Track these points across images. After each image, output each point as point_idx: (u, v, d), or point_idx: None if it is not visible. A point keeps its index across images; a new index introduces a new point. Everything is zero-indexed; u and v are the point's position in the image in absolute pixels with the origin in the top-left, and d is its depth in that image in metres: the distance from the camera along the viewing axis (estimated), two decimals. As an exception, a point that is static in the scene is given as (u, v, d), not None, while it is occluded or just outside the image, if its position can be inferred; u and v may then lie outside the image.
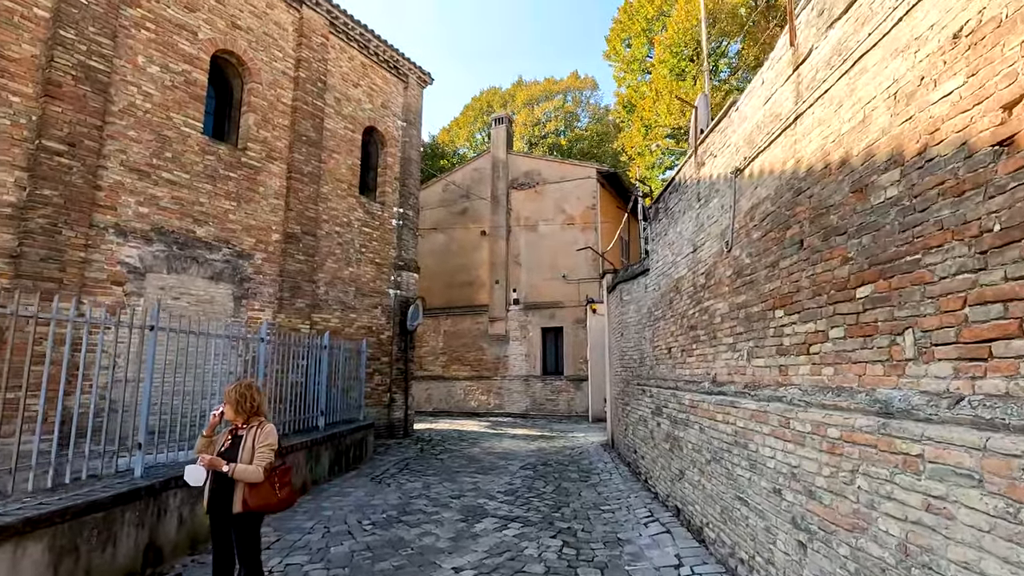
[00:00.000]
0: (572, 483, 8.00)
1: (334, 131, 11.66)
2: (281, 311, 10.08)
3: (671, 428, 6.32)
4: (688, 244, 6.39)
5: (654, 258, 8.14)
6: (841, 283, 3.05)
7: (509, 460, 9.86)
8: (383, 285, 12.75)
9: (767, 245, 4.12)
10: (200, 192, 8.94)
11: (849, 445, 2.73)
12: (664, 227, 7.63)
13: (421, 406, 19.52)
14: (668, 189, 7.51)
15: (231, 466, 3.16)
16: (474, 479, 8.15)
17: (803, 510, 3.14)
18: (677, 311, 6.65)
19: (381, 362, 12.51)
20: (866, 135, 2.94)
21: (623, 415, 9.68)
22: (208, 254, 9.02)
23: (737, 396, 4.36)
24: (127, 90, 8.10)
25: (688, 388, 5.83)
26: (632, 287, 9.41)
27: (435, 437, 12.86)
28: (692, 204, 6.34)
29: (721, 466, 4.56)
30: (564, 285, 18.05)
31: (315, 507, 6.49)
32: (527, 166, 19.36)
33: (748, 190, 4.67)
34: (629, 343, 9.44)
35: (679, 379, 6.29)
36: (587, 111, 33.24)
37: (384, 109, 13.14)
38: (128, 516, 4.16)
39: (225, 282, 9.27)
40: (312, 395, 8.40)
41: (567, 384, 17.73)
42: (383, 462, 9.49)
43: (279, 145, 10.40)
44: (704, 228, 5.84)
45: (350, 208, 11.97)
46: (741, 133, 4.96)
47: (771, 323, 3.94)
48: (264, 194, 10.02)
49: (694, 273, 6.06)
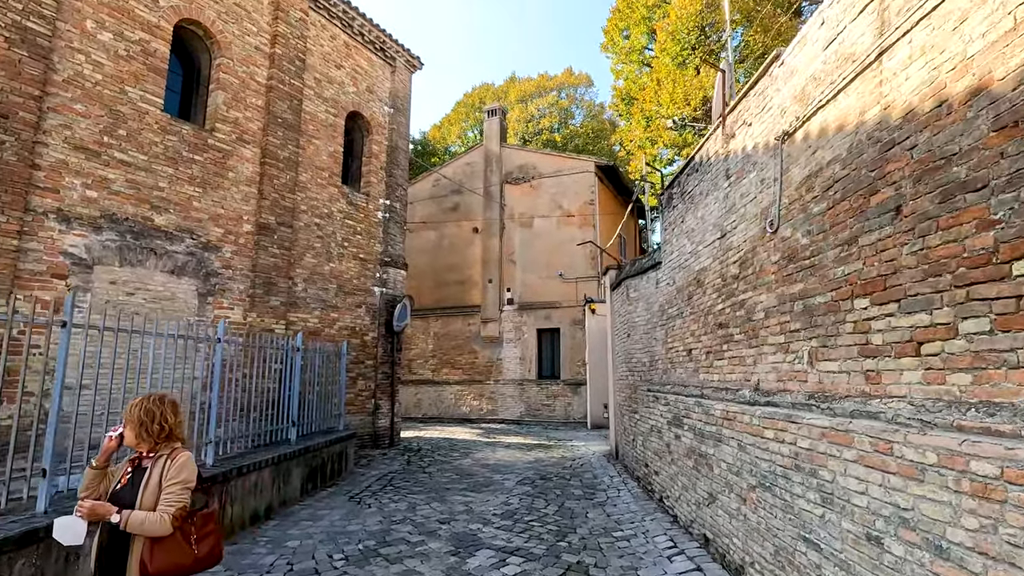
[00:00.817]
0: (577, 502, 7.11)
1: (314, 115, 10.73)
2: (253, 309, 9.12)
3: (695, 442, 5.45)
4: (713, 230, 5.54)
5: (667, 250, 7.29)
6: (980, 257, 2.19)
7: (504, 474, 8.95)
8: (368, 282, 11.82)
9: (837, 218, 3.27)
10: (159, 176, 7.99)
11: (1020, 489, 1.87)
12: (680, 214, 6.79)
13: (410, 412, 18.56)
14: (686, 170, 6.66)
15: (123, 514, 2.24)
16: (466, 498, 7.24)
17: (927, 572, 2.27)
18: (699, 307, 5.80)
19: (365, 365, 11.57)
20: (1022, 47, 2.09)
21: (630, 424, 8.81)
22: (168, 245, 8.06)
23: (796, 409, 3.50)
24: (73, 58, 7.14)
25: (718, 396, 4.96)
26: (640, 283, 8.56)
27: (424, 447, 11.93)
28: (718, 183, 5.49)
29: (773, 495, 3.69)
30: (561, 284, 17.19)
31: (280, 535, 5.56)
32: (522, 160, 18.49)
33: (802, 156, 3.82)
34: (637, 345, 8.58)
35: (704, 385, 5.43)
36: (582, 108, 32.45)
37: (369, 93, 12.22)
38: (19, 568, 3.22)
39: (188, 277, 8.31)
40: (283, 403, 7.45)
41: (564, 389, 16.84)
42: (365, 477, 8.55)
43: (252, 127, 9.46)
44: (736, 209, 4.99)
45: (331, 198, 11.03)
46: (789, 91, 4.12)
47: (847, 316, 3.08)
48: (234, 180, 9.07)
49: (723, 262, 5.21)
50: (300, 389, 8.18)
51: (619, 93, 21.19)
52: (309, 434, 8.05)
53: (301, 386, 8.21)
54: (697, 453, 5.37)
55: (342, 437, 8.58)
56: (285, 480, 6.63)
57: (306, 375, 8.56)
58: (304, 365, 8.38)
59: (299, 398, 7.67)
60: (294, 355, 7.70)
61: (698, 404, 5.45)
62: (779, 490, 3.61)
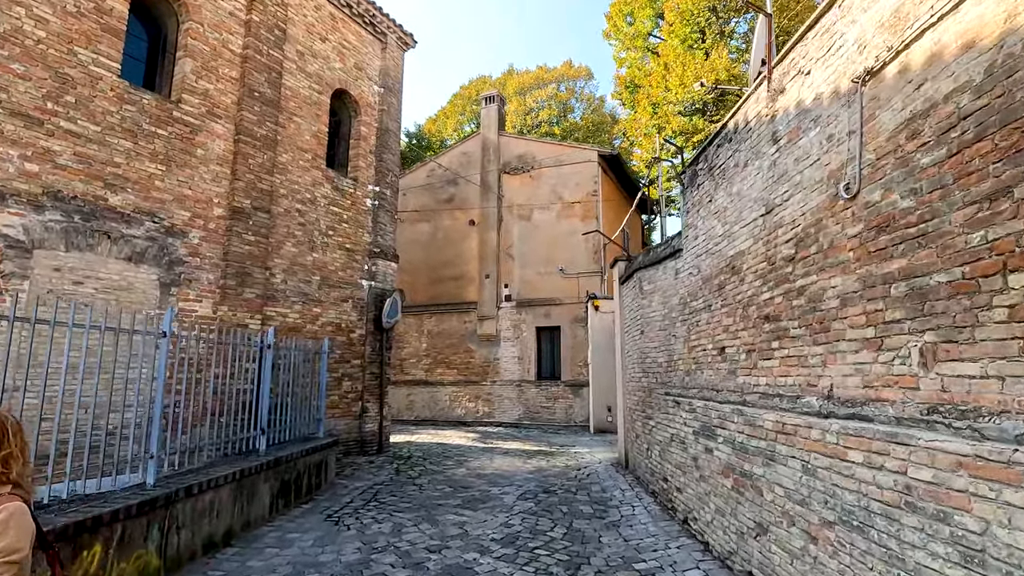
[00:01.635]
0: (587, 522, 6.23)
1: (295, 90, 9.81)
2: (224, 302, 8.20)
3: (735, 459, 4.57)
4: (755, 206, 4.67)
5: (689, 235, 6.42)
6: None
7: (503, 486, 8.06)
8: (355, 275, 10.90)
9: (968, 167, 2.39)
10: (115, 150, 7.06)
11: None
12: (707, 192, 5.91)
13: (402, 414, 17.64)
14: (715, 142, 5.78)
15: None
16: (460, 517, 6.34)
17: None
18: (735, 298, 4.92)
19: (351, 365, 10.65)
20: None
21: (644, 431, 7.93)
22: (125, 228, 7.14)
23: (903, 426, 2.62)
24: (11, 11, 6.21)
25: (767, 404, 4.09)
26: (656, 274, 7.68)
27: (415, 453, 11.02)
28: (761, 150, 4.62)
29: (868, 538, 2.81)
30: (562, 280, 16.30)
31: (236, 568, 4.65)
32: (521, 149, 17.58)
33: (896, 96, 2.94)
34: (652, 343, 7.70)
35: (745, 390, 4.56)
36: (582, 101, 31.54)
37: (358, 71, 11.30)
38: None
39: (149, 265, 7.38)
40: (250, 408, 6.53)
41: (565, 390, 15.95)
42: (347, 490, 7.64)
43: (225, 101, 8.53)
44: (787, 177, 4.12)
45: (315, 182, 10.11)
46: (872, 19, 3.24)
47: (994, 299, 2.20)
48: (204, 158, 8.15)
49: (769, 243, 4.34)
50: (272, 392, 7.29)
51: (622, 81, 20.30)
52: (283, 442, 7.14)
53: (275, 388, 7.31)
54: (738, 472, 4.49)
55: (322, 445, 7.67)
56: (250, 498, 5.71)
57: (284, 376, 7.66)
58: (279, 364, 7.47)
59: (270, 402, 6.75)
60: (264, 353, 6.78)
61: (738, 413, 4.57)
62: (878, 533, 2.72)
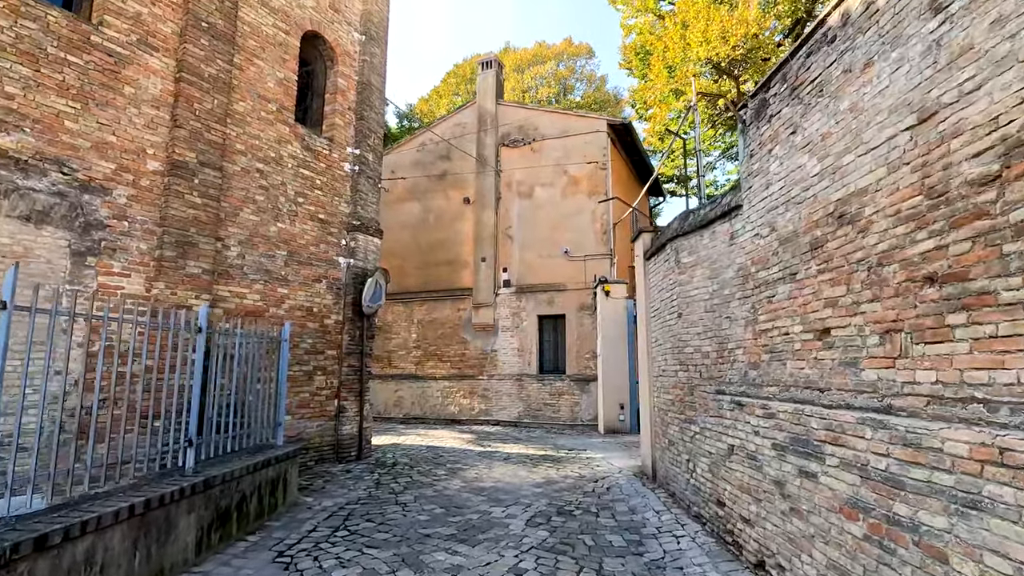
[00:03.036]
0: (620, 561, 4.70)
1: (255, 27, 8.17)
2: (160, 278, 6.59)
3: (867, 492, 3.04)
4: (892, 118, 3.12)
5: (755, 184, 4.87)
6: None
7: (507, 505, 6.53)
8: (330, 251, 9.30)
9: None
10: (7, 78, 5.43)
11: None
12: (788, 123, 4.36)
13: (389, 411, 16.09)
14: (801, 51, 4.22)
15: None
16: (454, 557, 4.79)
17: None
18: (848, 258, 3.39)
19: (326, 357, 9.06)
20: None
21: (683, 437, 6.41)
22: (21, 180, 5.52)
23: None
24: None
25: (946, 414, 2.55)
26: (699, 242, 6.14)
27: (400, 459, 9.46)
28: (908, 32, 3.06)
29: None
30: (566, 264, 14.75)
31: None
32: (521, 119, 15.95)
33: None
34: (694, 328, 6.17)
35: (884, 391, 3.02)
36: (583, 80, 29.87)
37: (334, 12, 9.65)
38: None
39: (55, 227, 5.76)
40: (170, 412, 4.93)
41: (570, 385, 14.43)
42: (310, 512, 6.08)
43: (163, 30, 6.89)
44: (973, 56, 2.57)
45: (281, 139, 8.48)
46: None
47: None
48: (134, 98, 6.52)
49: (929, 165, 2.80)
50: (223, 389, 5.71)
51: (632, 49, 18.69)
52: (220, 456, 5.54)
53: (226, 385, 5.73)
54: (878, 515, 2.96)
55: (279, 456, 6.09)
56: (161, 538, 4.13)
57: (240, 369, 6.09)
58: (232, 356, 5.89)
59: (200, 404, 5.15)
60: (194, 338, 5.17)
61: (875, 424, 3.04)
62: None
